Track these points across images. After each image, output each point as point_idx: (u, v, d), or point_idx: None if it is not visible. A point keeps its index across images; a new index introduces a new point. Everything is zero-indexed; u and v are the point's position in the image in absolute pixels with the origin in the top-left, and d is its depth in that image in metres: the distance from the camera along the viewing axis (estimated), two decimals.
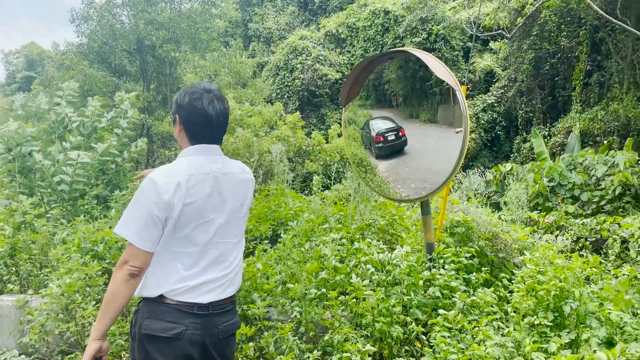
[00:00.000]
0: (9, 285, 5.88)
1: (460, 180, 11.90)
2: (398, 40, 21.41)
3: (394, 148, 5.27)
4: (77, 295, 4.81)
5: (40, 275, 5.80)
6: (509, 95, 19.36)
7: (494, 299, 4.17)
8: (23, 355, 5.09)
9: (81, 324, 4.75)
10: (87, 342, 2.33)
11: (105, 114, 9.39)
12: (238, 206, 2.58)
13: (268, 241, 5.99)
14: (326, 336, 4.07)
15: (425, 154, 5.21)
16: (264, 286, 4.64)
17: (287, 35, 27.40)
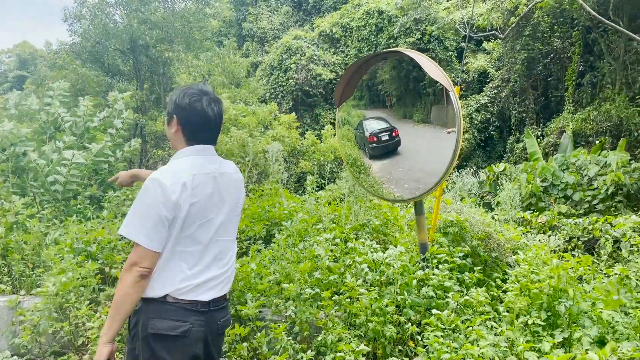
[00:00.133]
0: (0, 285, 5.85)
1: (454, 180, 11.94)
2: (392, 40, 21.43)
3: (387, 148, 5.28)
4: (72, 295, 4.81)
5: (33, 275, 5.77)
6: (502, 95, 19.43)
7: (487, 298, 4.19)
8: (15, 357, 5.06)
9: (75, 323, 4.73)
10: (93, 346, 2.34)
11: (97, 114, 9.35)
12: (234, 205, 2.65)
13: (262, 241, 5.98)
14: (320, 336, 4.08)
15: (418, 154, 5.22)
16: (257, 286, 4.64)
17: (281, 35, 27.39)
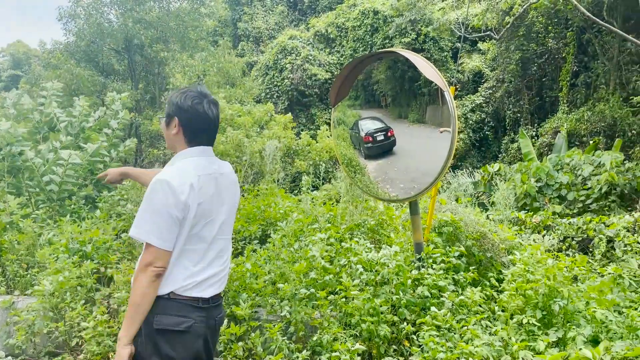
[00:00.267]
0: None
1: (449, 180, 11.97)
2: (387, 40, 21.45)
3: (382, 148, 5.29)
4: (67, 295, 4.80)
5: (27, 276, 5.75)
6: (497, 95, 19.48)
7: (482, 298, 4.20)
8: (10, 357, 5.03)
9: (69, 323, 4.72)
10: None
11: (92, 114, 9.33)
12: (232, 205, 2.73)
13: (257, 241, 5.98)
14: (315, 336, 4.08)
15: (413, 154, 5.23)
16: (252, 286, 4.64)
17: (277, 35, 27.36)
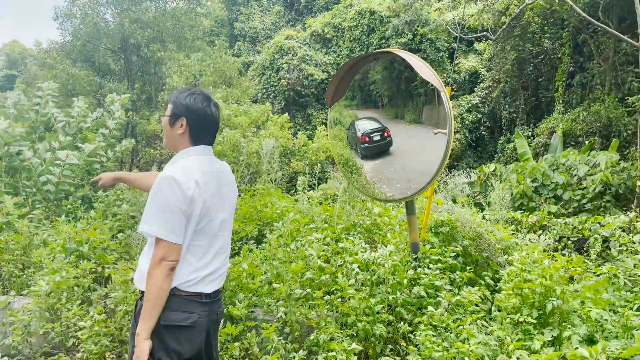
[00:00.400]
0: None
1: (445, 180, 11.99)
2: (384, 40, 21.47)
3: (379, 148, 5.30)
4: (64, 295, 4.79)
5: (23, 276, 5.73)
6: (493, 96, 19.52)
7: (479, 297, 4.21)
8: (6, 357, 5.02)
9: (66, 324, 4.71)
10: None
11: (90, 114, 9.32)
12: (231, 203, 2.81)
13: (254, 241, 5.98)
14: (312, 336, 4.09)
15: (410, 154, 5.24)
16: (249, 286, 4.65)
17: (273, 35, 27.36)
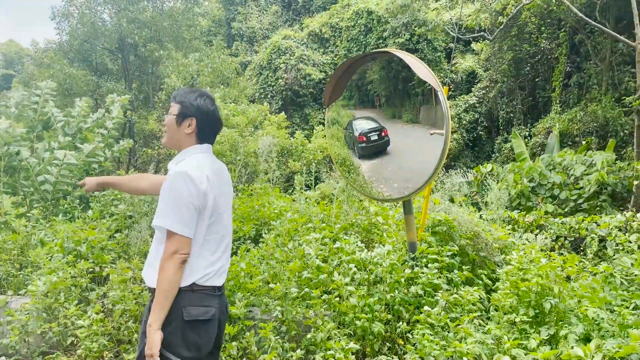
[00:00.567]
0: None
1: (442, 180, 12.01)
2: (381, 40, 21.49)
3: (377, 148, 5.31)
4: (61, 295, 4.80)
5: (20, 276, 5.73)
6: (490, 96, 19.55)
7: (477, 297, 4.22)
8: (3, 357, 5.02)
9: (63, 323, 4.72)
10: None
11: (91, 115, 9.33)
12: (230, 201, 2.91)
13: (251, 241, 5.99)
14: (309, 334, 4.10)
15: (407, 154, 5.25)
16: (247, 285, 4.66)
17: (271, 35, 27.36)
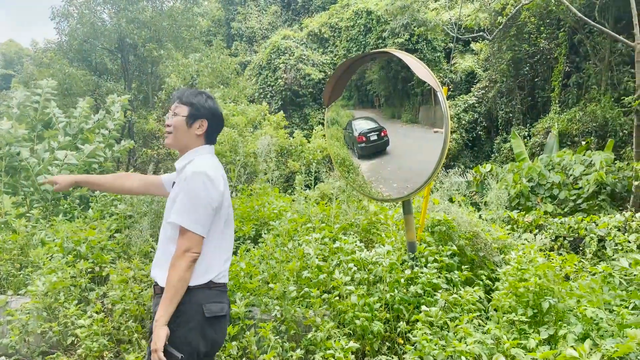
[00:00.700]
0: None
1: (441, 180, 12.01)
2: (380, 40, 21.49)
3: (376, 148, 5.31)
4: (61, 295, 4.81)
5: (20, 275, 5.74)
6: (489, 95, 19.55)
7: (477, 297, 4.23)
8: (3, 357, 5.02)
9: (63, 323, 4.72)
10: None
11: (92, 116, 9.36)
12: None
13: (251, 241, 6.00)
14: (309, 334, 4.11)
15: (407, 154, 5.26)
16: (247, 285, 4.67)
17: (270, 35, 27.36)
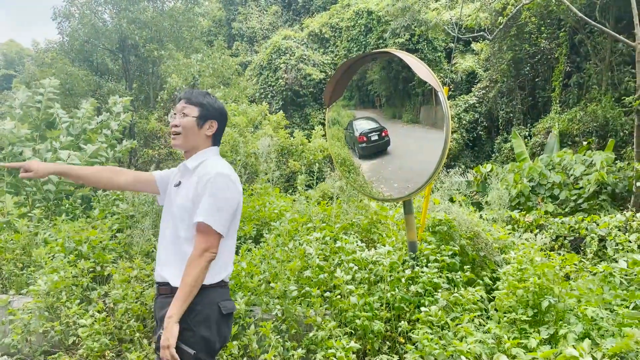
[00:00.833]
0: None
1: (442, 180, 12.03)
2: (381, 40, 21.49)
3: (377, 148, 5.32)
4: (63, 294, 4.82)
5: (23, 275, 5.75)
6: (490, 95, 19.55)
7: (477, 297, 4.24)
8: (5, 356, 5.04)
9: (65, 322, 4.74)
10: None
11: (96, 117, 9.38)
12: None
13: (252, 241, 6.01)
14: (310, 333, 4.12)
15: (407, 154, 5.27)
16: (247, 285, 4.68)
17: (271, 35, 27.38)
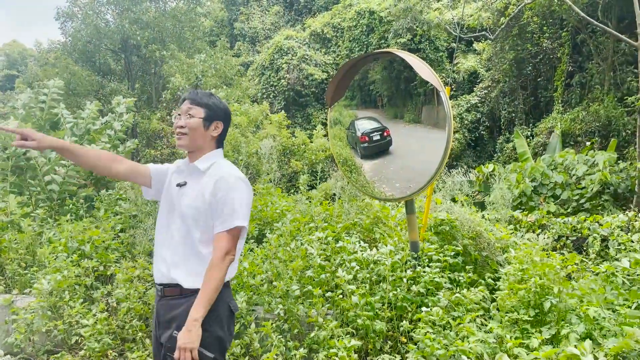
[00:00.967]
0: None
1: (444, 179, 12.02)
2: (383, 40, 21.49)
3: (379, 148, 5.32)
4: (66, 294, 4.84)
5: (26, 275, 5.77)
6: (492, 95, 19.52)
7: (478, 297, 4.24)
8: (8, 355, 5.06)
9: (68, 322, 4.76)
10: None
11: (99, 118, 9.42)
12: None
13: (254, 241, 6.03)
14: (312, 333, 4.13)
15: (409, 153, 5.27)
16: (249, 284, 4.69)
17: (273, 35, 27.39)
